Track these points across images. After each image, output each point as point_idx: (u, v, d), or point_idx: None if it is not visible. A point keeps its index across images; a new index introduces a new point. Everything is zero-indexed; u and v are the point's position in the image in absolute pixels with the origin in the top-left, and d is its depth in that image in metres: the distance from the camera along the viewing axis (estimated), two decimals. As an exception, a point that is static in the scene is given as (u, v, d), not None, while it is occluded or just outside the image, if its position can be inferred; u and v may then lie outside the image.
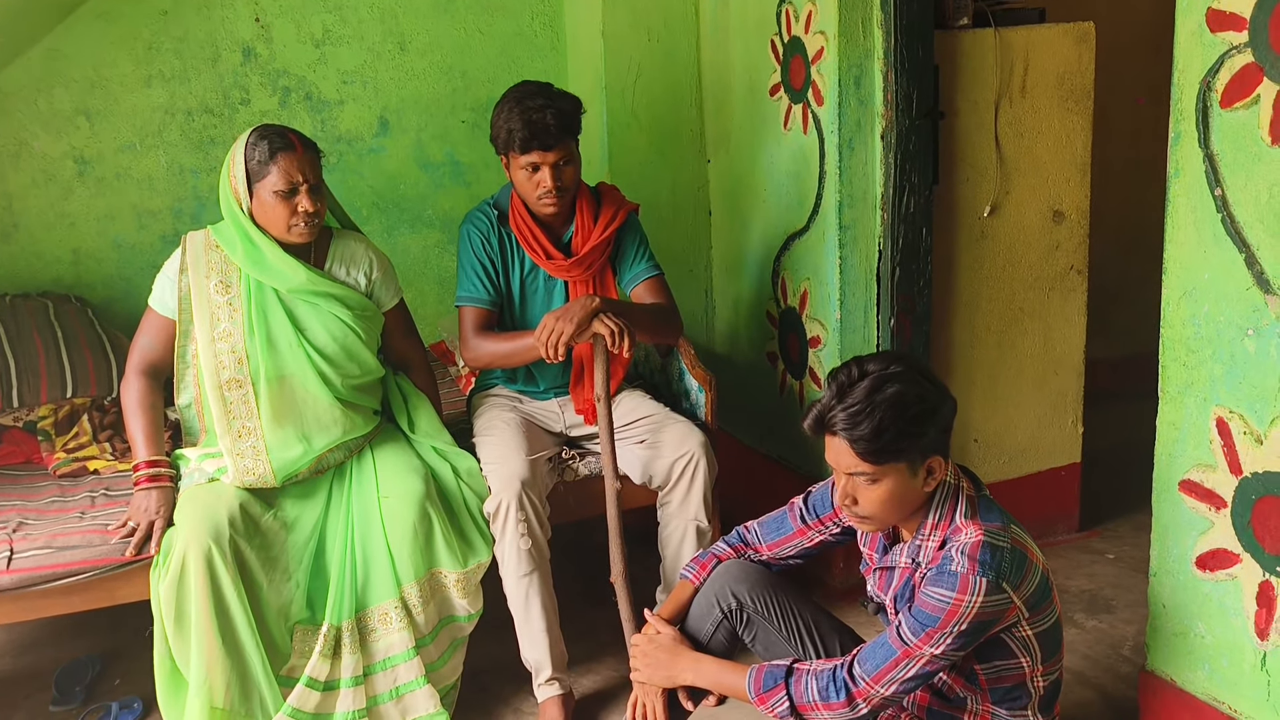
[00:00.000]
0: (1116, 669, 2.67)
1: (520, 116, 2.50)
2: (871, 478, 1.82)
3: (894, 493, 1.83)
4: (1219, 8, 1.93)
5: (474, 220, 2.71)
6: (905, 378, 1.79)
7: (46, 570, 2.32)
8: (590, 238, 2.68)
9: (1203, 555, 2.12)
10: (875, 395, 1.77)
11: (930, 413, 1.80)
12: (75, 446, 2.81)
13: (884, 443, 1.77)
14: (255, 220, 2.42)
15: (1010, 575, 1.79)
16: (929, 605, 1.78)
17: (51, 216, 3.28)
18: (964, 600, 1.75)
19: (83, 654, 2.85)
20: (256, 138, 2.39)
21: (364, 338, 2.52)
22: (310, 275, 2.45)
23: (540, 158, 2.53)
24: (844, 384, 1.81)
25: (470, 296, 2.68)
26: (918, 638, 1.79)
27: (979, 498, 1.90)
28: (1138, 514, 3.28)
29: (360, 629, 2.41)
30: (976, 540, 1.80)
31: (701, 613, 2.12)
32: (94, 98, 3.26)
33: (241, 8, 3.37)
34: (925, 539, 1.88)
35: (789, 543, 2.14)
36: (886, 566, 1.97)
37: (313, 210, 2.39)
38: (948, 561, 1.80)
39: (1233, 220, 1.96)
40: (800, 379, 3.16)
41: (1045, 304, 3.18)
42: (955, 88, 2.93)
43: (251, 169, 2.38)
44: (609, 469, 2.50)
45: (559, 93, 2.58)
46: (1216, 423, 2.05)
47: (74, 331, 2.99)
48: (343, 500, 2.49)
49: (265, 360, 2.41)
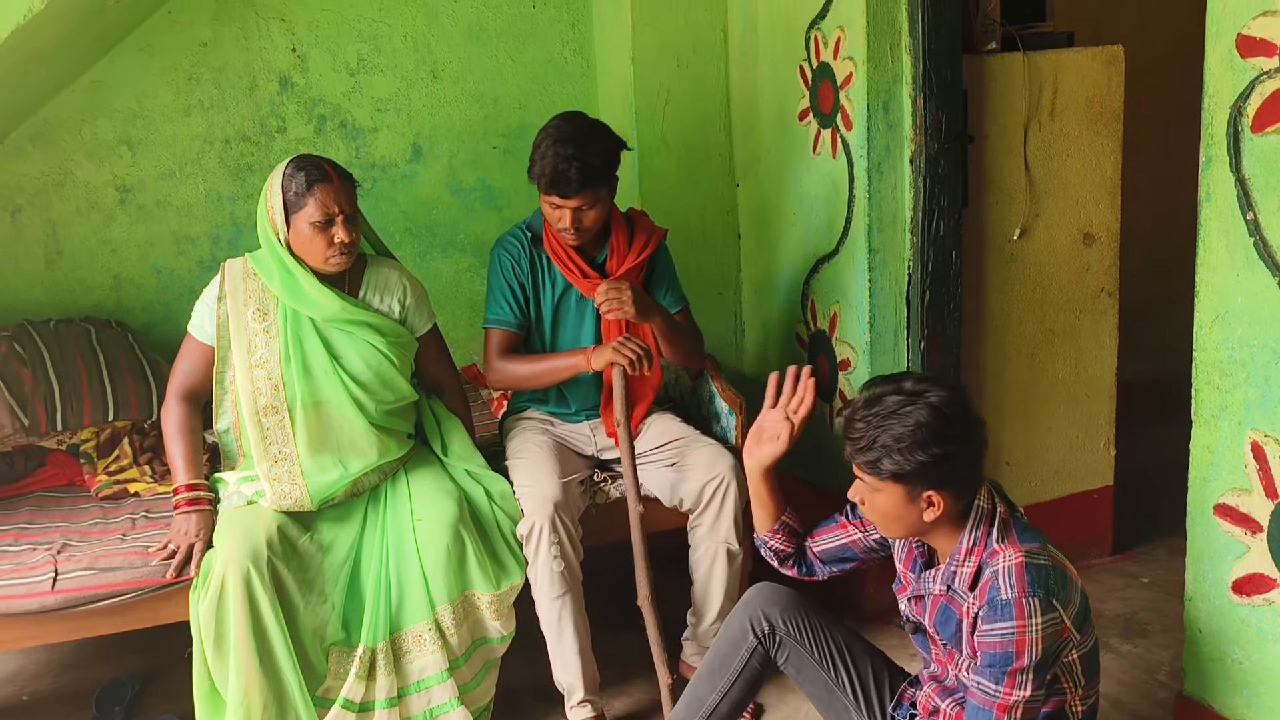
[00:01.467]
0: (1153, 694, 2.65)
1: (550, 162, 2.52)
2: (871, 487, 1.84)
3: (888, 511, 1.84)
4: (1249, 34, 1.94)
5: (505, 244, 2.75)
6: (934, 409, 1.77)
7: (91, 591, 2.36)
8: (626, 260, 2.71)
9: (1239, 580, 2.11)
10: (886, 415, 1.78)
11: (939, 447, 1.76)
12: (116, 469, 2.86)
13: (872, 459, 1.79)
14: (292, 250, 2.46)
15: (1058, 593, 1.77)
16: (995, 645, 1.75)
17: (94, 243, 3.35)
18: (1026, 625, 1.73)
19: (122, 674, 2.90)
20: (293, 169, 2.42)
21: (398, 364, 2.55)
22: (345, 305, 2.49)
23: (561, 202, 2.57)
24: (877, 394, 1.83)
25: (498, 319, 2.72)
26: (1002, 686, 1.75)
27: (1014, 520, 1.89)
28: (1172, 537, 3.25)
29: (395, 651, 2.43)
30: (1018, 562, 1.78)
31: (734, 639, 2.12)
32: (135, 127, 3.33)
33: (279, 38, 3.43)
34: (960, 564, 1.86)
35: (831, 533, 2.15)
36: (919, 595, 1.96)
37: (349, 241, 2.42)
38: (995, 592, 1.76)
39: (1265, 244, 1.96)
40: (829, 402, 3.17)
41: (1076, 326, 3.17)
42: (984, 111, 2.95)
43: (289, 200, 2.41)
44: (632, 492, 2.53)
45: (595, 141, 2.56)
46: (1251, 447, 2.04)
47: (115, 356, 3.04)
48: (378, 523, 2.52)
49: (301, 387, 2.44)
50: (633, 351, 2.51)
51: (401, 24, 3.55)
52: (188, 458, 2.49)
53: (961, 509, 1.86)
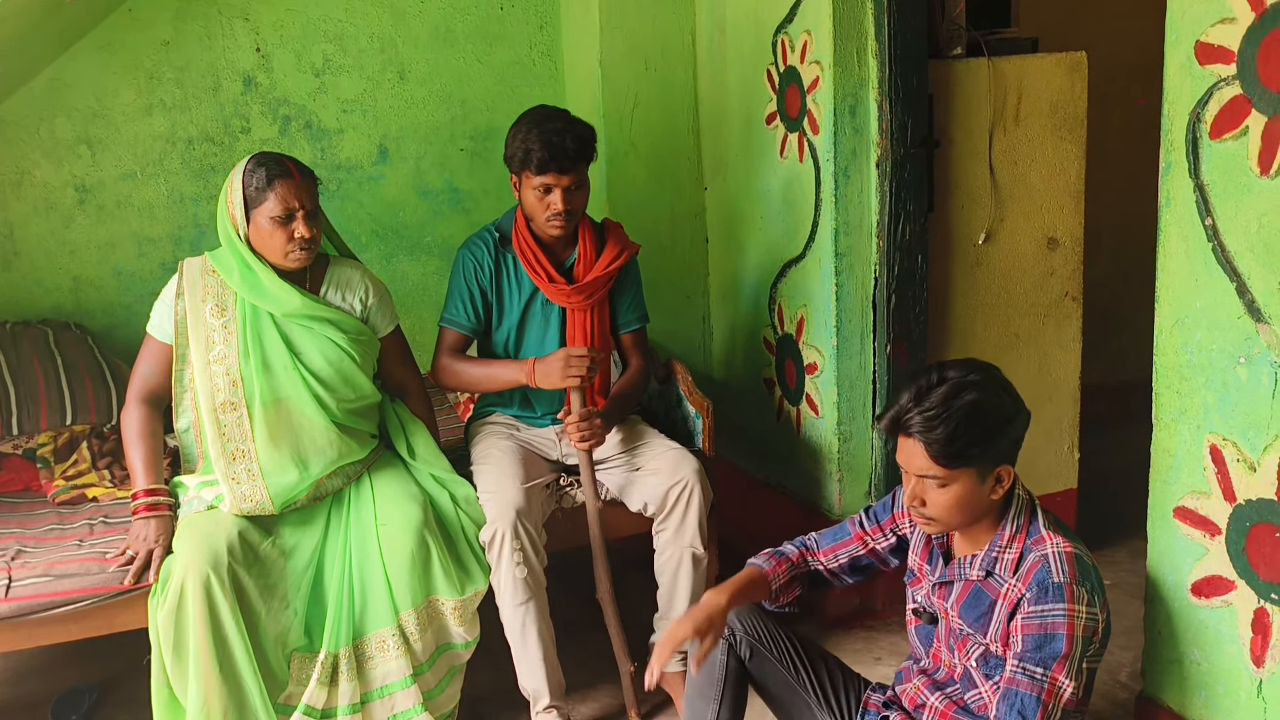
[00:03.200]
0: (1114, 695, 2.67)
1: (540, 138, 2.53)
2: (941, 481, 1.83)
3: (962, 498, 1.84)
4: (1208, 40, 1.95)
5: (471, 246, 2.74)
6: (983, 386, 1.81)
7: (45, 598, 2.32)
8: (594, 268, 2.70)
9: (1198, 582, 2.13)
10: (952, 401, 1.79)
11: (1005, 423, 1.82)
12: (74, 474, 2.81)
13: (957, 448, 1.79)
14: (252, 246, 2.44)
15: (1099, 593, 1.80)
16: (1044, 626, 1.75)
17: (52, 244, 3.29)
18: (1075, 610, 1.74)
19: (79, 682, 2.85)
20: (254, 165, 2.41)
21: (359, 361, 2.53)
22: (305, 300, 2.47)
23: (555, 180, 2.56)
24: (922, 388, 1.82)
25: (452, 320, 2.74)
26: (1050, 671, 1.74)
27: (1051, 514, 1.92)
28: (1134, 539, 3.25)
29: (357, 656, 2.40)
30: (1069, 551, 1.81)
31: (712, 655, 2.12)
32: (95, 127, 3.28)
33: (242, 38, 3.40)
34: (1002, 550, 1.87)
35: (845, 548, 2.14)
36: (946, 581, 1.97)
37: (309, 236, 2.41)
38: (1045, 574, 1.78)
39: (1223, 249, 1.98)
40: (797, 405, 3.18)
41: (1040, 330, 3.19)
42: (950, 116, 2.96)
43: (249, 195, 2.40)
44: (589, 488, 2.54)
45: (576, 120, 2.62)
46: (1210, 450, 2.06)
47: (74, 359, 3.00)
48: (341, 527, 2.50)
49: (260, 383, 2.42)
50: (579, 374, 2.54)
51: (367, 24, 3.53)
52: (147, 461, 2.46)
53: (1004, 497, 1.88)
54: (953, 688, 1.95)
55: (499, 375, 2.69)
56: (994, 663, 1.87)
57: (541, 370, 2.59)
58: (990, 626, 1.87)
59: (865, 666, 2.80)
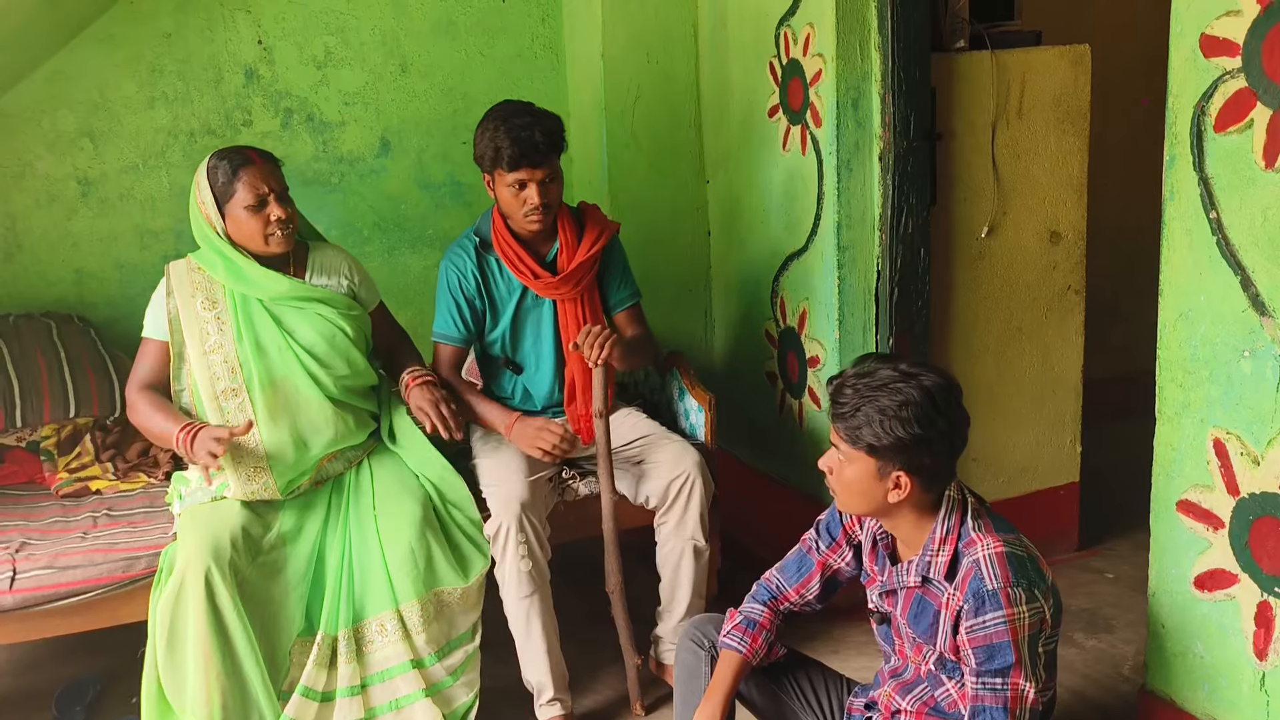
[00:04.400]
0: (1116, 689, 2.67)
1: (508, 134, 2.52)
2: (843, 456, 1.83)
3: (854, 483, 1.83)
4: (1212, 34, 1.95)
5: (453, 257, 2.73)
6: (925, 394, 1.76)
7: (49, 590, 2.33)
8: (576, 255, 2.69)
9: (1201, 575, 2.13)
10: (883, 387, 1.77)
11: (920, 434, 1.75)
12: (78, 466, 2.82)
13: (855, 426, 1.78)
14: (232, 241, 2.47)
15: (1039, 584, 1.78)
16: (989, 637, 1.74)
17: (55, 237, 3.29)
18: (1015, 614, 1.73)
19: (84, 674, 2.85)
20: (215, 161, 2.45)
21: (351, 335, 2.56)
22: (293, 283, 2.51)
23: (528, 175, 2.55)
24: (872, 366, 1.82)
25: (443, 335, 2.75)
26: (1008, 678, 1.74)
27: (985, 510, 1.89)
28: (1137, 533, 3.26)
29: (357, 639, 2.41)
30: (999, 551, 1.78)
31: (689, 662, 2.12)
32: (97, 119, 3.27)
33: (244, 30, 3.39)
34: (934, 554, 1.85)
35: (813, 579, 2.09)
36: (891, 589, 1.96)
37: (285, 217, 2.45)
38: (978, 582, 1.76)
39: (1228, 243, 1.98)
40: (799, 398, 3.18)
41: (1043, 324, 3.19)
42: (952, 109, 2.96)
43: (218, 191, 2.43)
44: (605, 482, 2.52)
45: (542, 111, 2.61)
46: (1214, 443, 2.06)
47: (77, 351, 3.00)
48: (340, 512, 2.51)
49: (257, 366, 2.45)
50: (546, 448, 2.56)
51: (369, 17, 3.52)
52: (171, 416, 2.43)
53: (932, 499, 1.86)
54: (921, 687, 1.95)
55: (484, 417, 2.71)
56: (951, 665, 1.86)
57: (519, 430, 2.61)
58: (939, 638, 1.85)
59: (870, 659, 2.80)
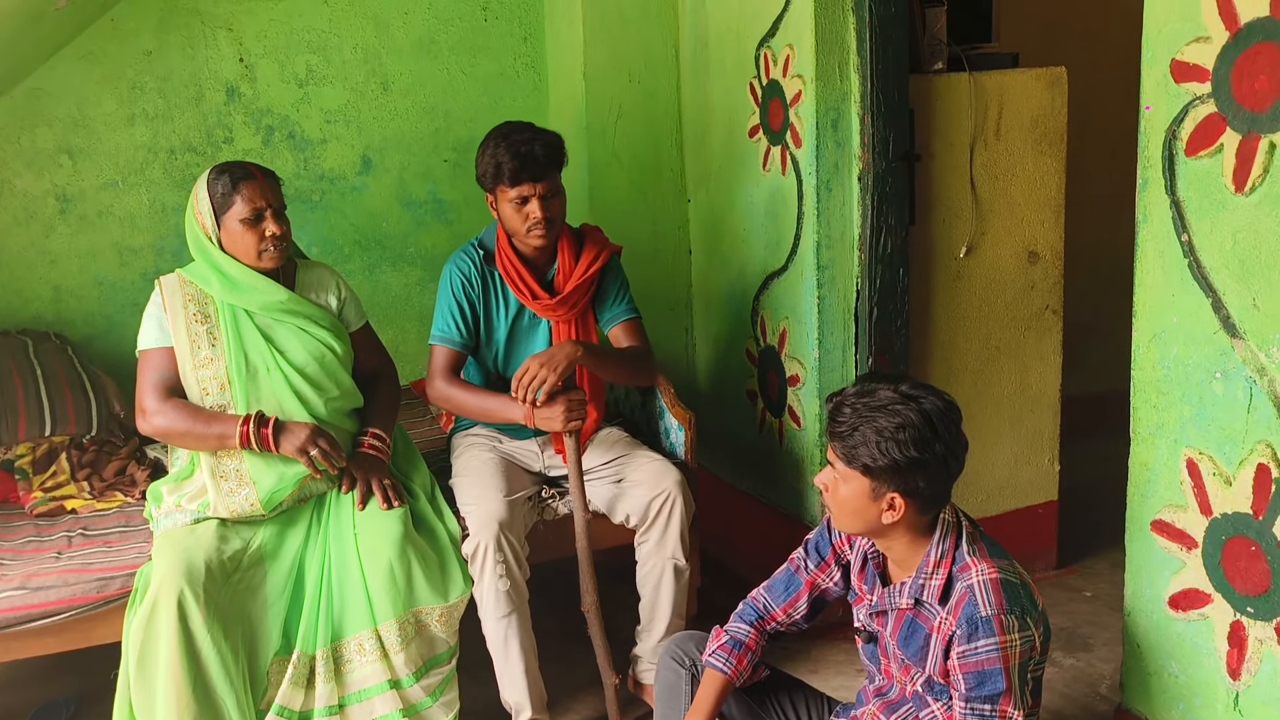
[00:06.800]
0: (1094, 707, 2.68)
1: (509, 150, 2.54)
2: (839, 474, 1.83)
3: (849, 501, 1.83)
4: (1183, 59, 1.98)
5: (458, 261, 2.73)
6: (924, 416, 1.76)
7: (21, 611, 2.31)
8: (573, 276, 2.70)
9: (1175, 595, 2.14)
10: (876, 407, 1.77)
11: (915, 456, 1.75)
12: (53, 485, 2.79)
13: (853, 445, 1.78)
14: (225, 252, 2.46)
15: (1031, 611, 1.78)
16: (980, 663, 1.74)
17: (32, 254, 3.28)
18: (1008, 641, 1.73)
19: (58, 695, 2.83)
20: (217, 173, 2.46)
21: (340, 356, 2.56)
22: (290, 294, 2.51)
23: (530, 189, 2.56)
24: (872, 385, 1.82)
25: (444, 337, 2.71)
26: (997, 705, 1.74)
27: (979, 535, 1.89)
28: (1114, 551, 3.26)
29: (335, 659, 2.39)
30: (994, 578, 1.78)
31: (669, 680, 2.12)
32: (77, 136, 3.27)
33: (225, 48, 3.39)
34: (928, 577, 1.85)
35: (801, 599, 2.09)
36: (881, 610, 1.95)
37: (279, 233, 2.45)
38: (972, 608, 1.76)
39: (1199, 265, 2.00)
40: (779, 417, 3.18)
41: (1021, 343, 3.21)
42: (931, 131, 2.98)
43: (216, 202, 2.43)
44: (578, 500, 2.52)
45: (542, 129, 2.63)
46: (1187, 464, 2.08)
47: (53, 369, 2.98)
48: (320, 530, 2.50)
49: (246, 383, 2.44)
50: (578, 415, 2.52)
51: (351, 35, 3.53)
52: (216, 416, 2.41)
53: (926, 522, 1.86)
54: (906, 707, 1.94)
55: (497, 411, 2.63)
56: (939, 688, 1.86)
57: (544, 413, 2.54)
58: (928, 661, 1.85)
59: (848, 678, 2.80)
